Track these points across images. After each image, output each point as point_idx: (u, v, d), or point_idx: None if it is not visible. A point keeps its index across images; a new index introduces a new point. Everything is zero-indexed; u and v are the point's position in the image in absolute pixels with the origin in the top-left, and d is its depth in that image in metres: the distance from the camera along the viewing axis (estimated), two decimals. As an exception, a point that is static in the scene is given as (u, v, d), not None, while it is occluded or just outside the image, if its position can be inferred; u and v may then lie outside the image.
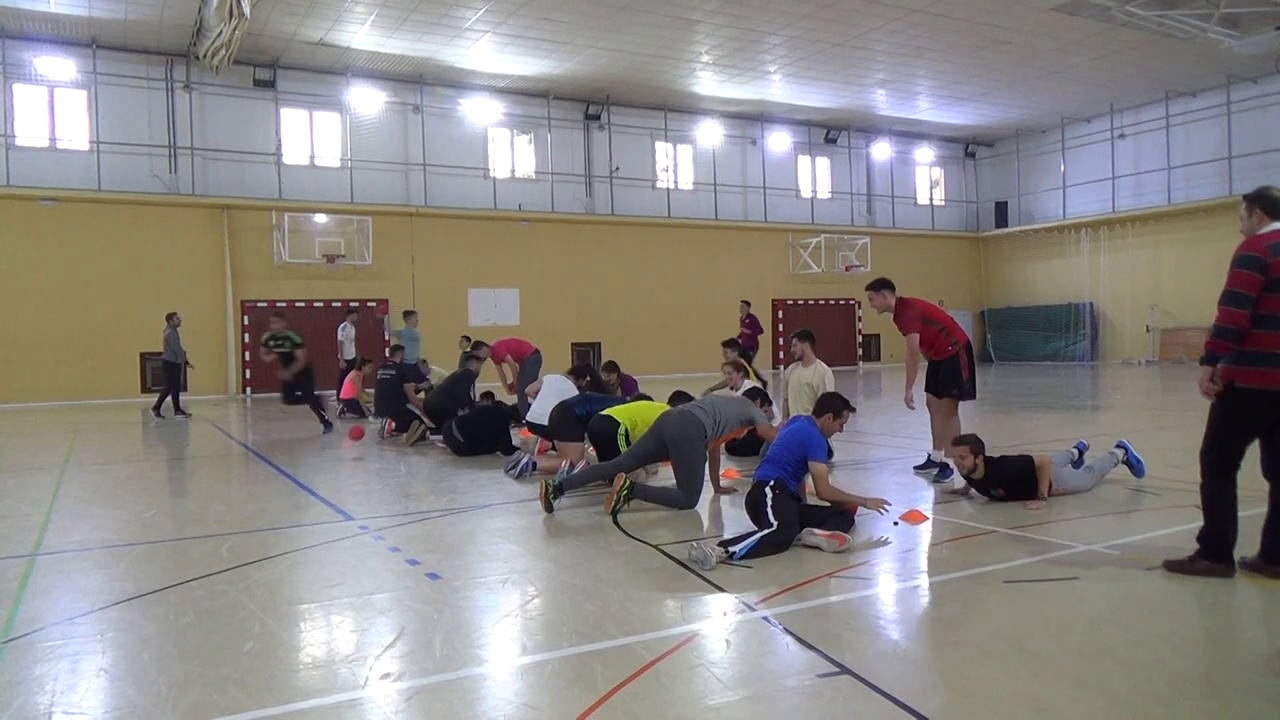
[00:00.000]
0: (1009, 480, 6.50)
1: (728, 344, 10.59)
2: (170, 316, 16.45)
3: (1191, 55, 22.98)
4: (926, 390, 7.97)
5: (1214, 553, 4.49)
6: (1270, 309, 4.28)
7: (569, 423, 8.27)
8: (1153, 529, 5.66)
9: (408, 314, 17.89)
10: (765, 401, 7.95)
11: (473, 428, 9.95)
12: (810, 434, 5.86)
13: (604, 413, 7.76)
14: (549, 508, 6.56)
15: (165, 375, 16.50)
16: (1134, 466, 7.18)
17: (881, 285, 8.05)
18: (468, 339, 18.52)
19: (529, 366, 12.87)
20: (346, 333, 18.44)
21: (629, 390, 10.63)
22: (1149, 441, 10.26)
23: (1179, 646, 3.67)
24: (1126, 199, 29.09)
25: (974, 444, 6.55)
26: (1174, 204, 27.41)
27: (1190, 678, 3.37)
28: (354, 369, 15.76)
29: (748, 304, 18.81)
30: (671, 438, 6.70)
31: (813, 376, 8.83)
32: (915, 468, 8.09)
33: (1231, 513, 4.49)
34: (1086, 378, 22.27)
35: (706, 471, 6.97)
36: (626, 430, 7.47)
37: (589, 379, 10.11)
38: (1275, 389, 4.31)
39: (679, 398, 8.50)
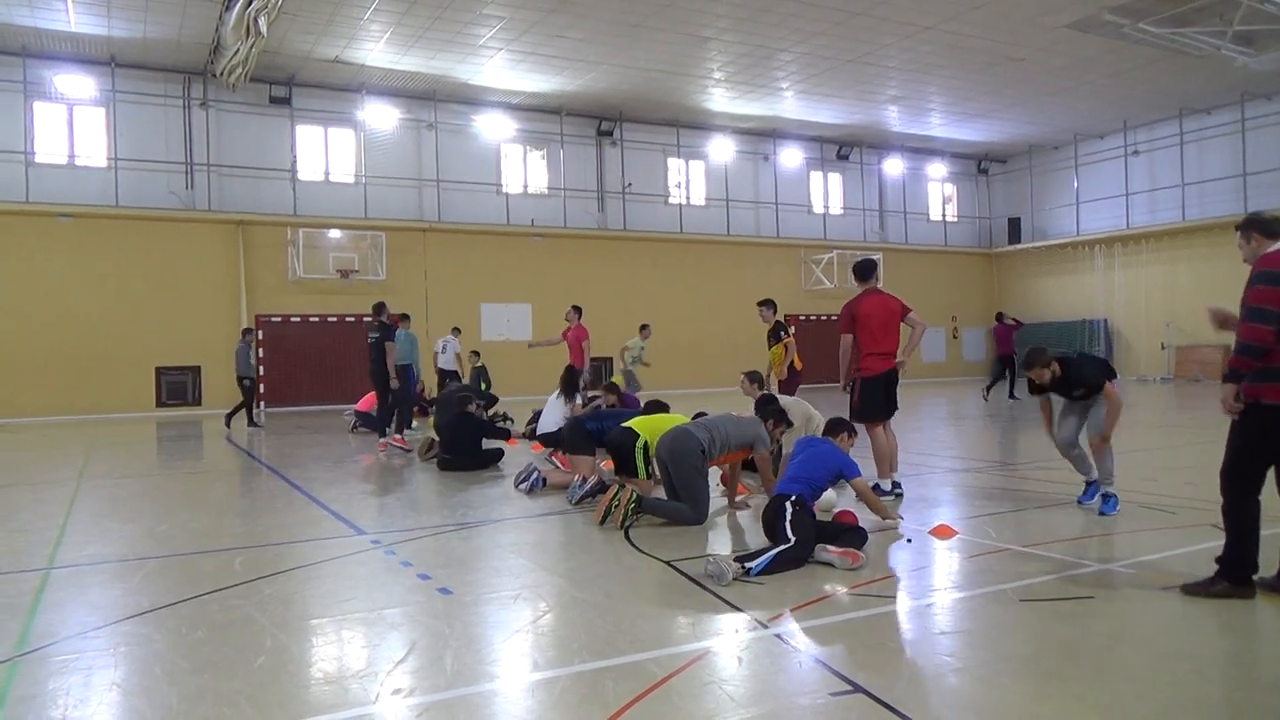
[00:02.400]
0: (1088, 382, 6.61)
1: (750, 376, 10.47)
2: (246, 332, 16.66)
3: (1205, 72, 22.92)
4: None
5: (1234, 575, 4.43)
6: None
7: (580, 437, 8.28)
8: (1168, 548, 5.60)
9: (403, 317, 17.30)
10: (780, 419, 7.79)
11: (449, 439, 10.05)
12: (841, 454, 5.98)
13: (624, 425, 7.71)
14: (604, 521, 6.47)
15: (241, 389, 16.85)
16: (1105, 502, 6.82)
17: (857, 269, 7.89)
18: (476, 354, 18.65)
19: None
20: (452, 346, 18.49)
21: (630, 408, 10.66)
22: (1164, 460, 10.19)
23: (1196, 668, 3.63)
24: (1140, 215, 28.98)
25: (1039, 358, 6.63)
26: (1188, 221, 27.29)
27: (1208, 700, 3.33)
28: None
29: (1000, 315, 21.66)
30: (667, 455, 6.74)
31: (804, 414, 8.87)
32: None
33: (1254, 534, 4.43)
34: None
35: (719, 486, 6.95)
36: (646, 443, 7.44)
37: (616, 394, 10.37)
38: None
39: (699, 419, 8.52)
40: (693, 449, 6.67)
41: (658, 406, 8.51)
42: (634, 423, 7.69)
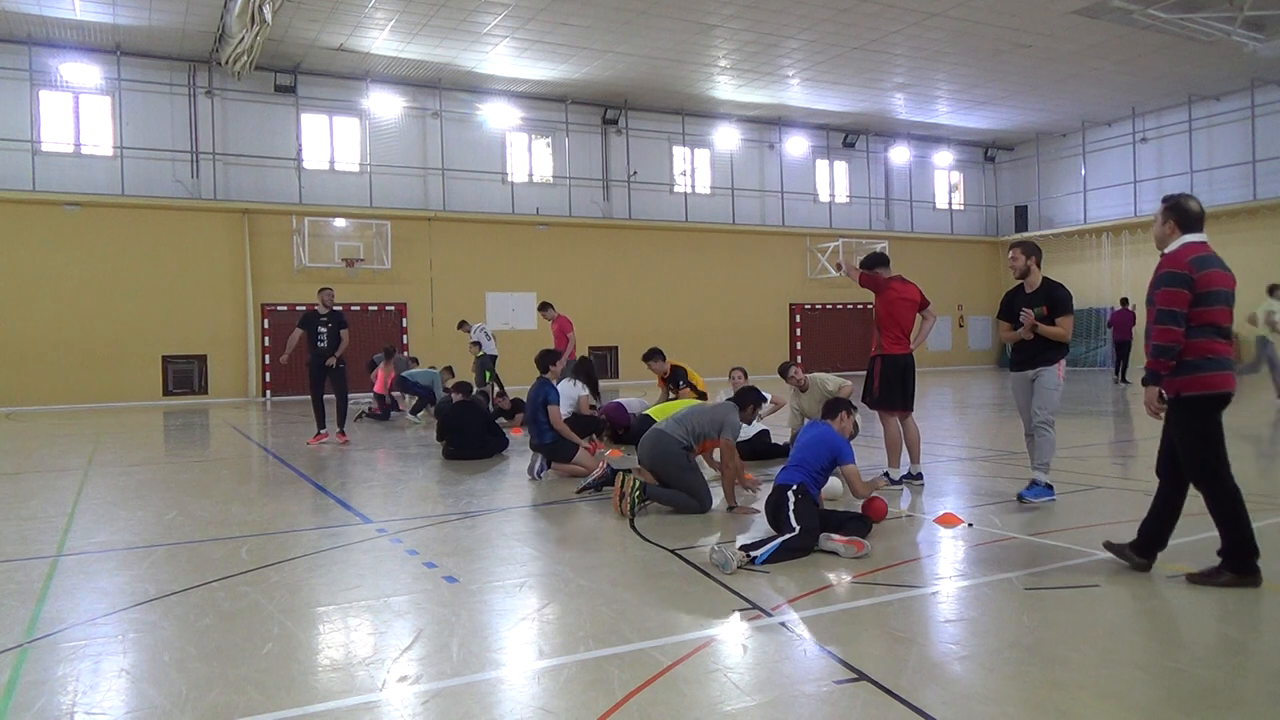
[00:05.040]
0: (1056, 301, 6.63)
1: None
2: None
3: (1215, 58, 22.76)
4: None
5: (1237, 564, 4.47)
6: (1202, 320, 4.47)
7: (555, 450, 8.46)
8: (1174, 536, 5.59)
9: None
10: (759, 401, 7.57)
11: (449, 425, 10.08)
12: (836, 438, 5.88)
13: (645, 412, 7.88)
14: (622, 510, 6.50)
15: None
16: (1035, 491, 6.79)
17: (880, 260, 7.85)
18: (477, 344, 18.68)
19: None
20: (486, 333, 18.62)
21: (619, 419, 10.54)
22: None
23: (1201, 655, 3.63)
24: (1149, 203, 28.81)
25: (1026, 248, 6.75)
26: (1197, 208, 27.13)
27: (1212, 687, 3.33)
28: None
29: (1125, 300, 22.73)
30: (649, 460, 6.69)
31: (822, 389, 8.88)
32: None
33: (1244, 520, 4.46)
34: (1108, 384, 22.07)
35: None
36: None
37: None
38: (1219, 391, 4.48)
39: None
40: (673, 448, 6.65)
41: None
42: (654, 410, 7.79)
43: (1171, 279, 4.49)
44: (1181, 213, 4.64)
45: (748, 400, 7.14)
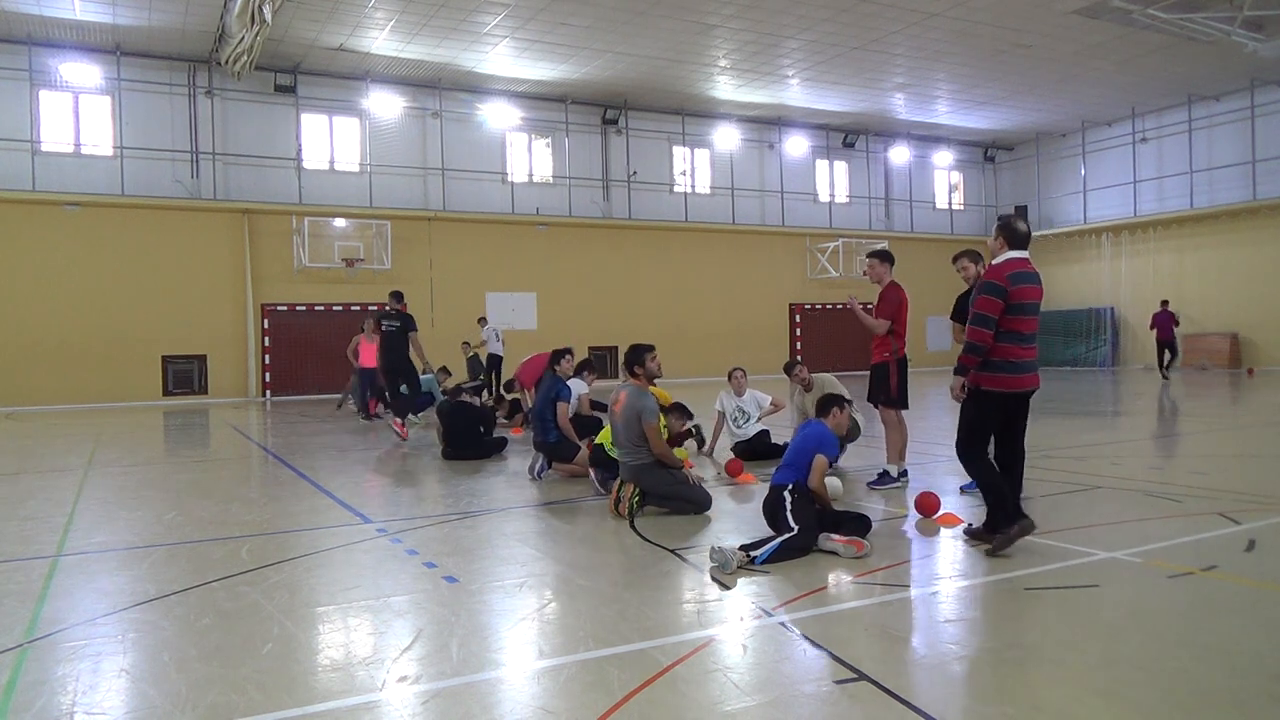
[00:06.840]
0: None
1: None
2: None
3: (1215, 58, 22.77)
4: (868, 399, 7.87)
5: (1009, 519, 5.08)
6: (1008, 326, 5.12)
7: (555, 451, 8.45)
8: (1175, 536, 5.60)
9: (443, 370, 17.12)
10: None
11: (447, 430, 10.09)
12: (823, 432, 5.97)
13: (596, 440, 7.87)
14: (620, 513, 6.49)
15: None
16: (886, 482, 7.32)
17: (885, 257, 7.96)
18: (468, 343, 18.69)
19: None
20: (496, 334, 18.90)
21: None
22: (1171, 448, 10.16)
23: (1201, 655, 3.62)
24: (1148, 203, 28.84)
25: (972, 256, 7.05)
26: (1196, 208, 27.15)
27: (1213, 687, 3.33)
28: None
29: (1165, 303, 23.40)
30: (643, 480, 6.61)
31: (823, 387, 8.93)
32: (869, 484, 7.56)
33: (1002, 485, 5.17)
34: (1108, 383, 22.08)
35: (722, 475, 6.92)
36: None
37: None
38: (1010, 391, 5.17)
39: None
40: (646, 474, 6.61)
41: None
42: (602, 436, 7.84)
43: (990, 289, 5.11)
44: (1011, 232, 5.27)
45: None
